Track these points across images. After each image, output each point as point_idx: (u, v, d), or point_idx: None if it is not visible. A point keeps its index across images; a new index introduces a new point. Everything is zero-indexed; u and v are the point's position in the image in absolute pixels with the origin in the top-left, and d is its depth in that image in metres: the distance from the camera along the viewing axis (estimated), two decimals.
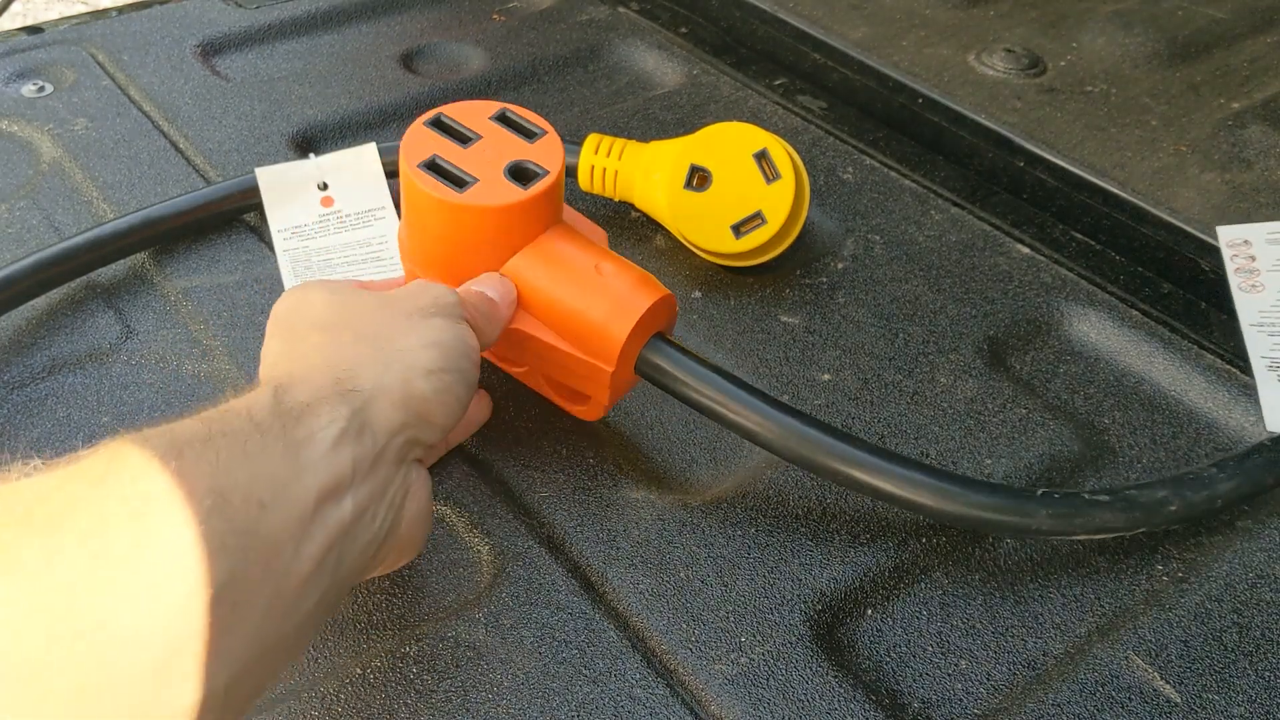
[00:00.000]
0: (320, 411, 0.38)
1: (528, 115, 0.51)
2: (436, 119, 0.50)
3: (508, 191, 0.47)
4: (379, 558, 0.40)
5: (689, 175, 0.61)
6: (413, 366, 0.41)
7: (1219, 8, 0.88)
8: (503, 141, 0.49)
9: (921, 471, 0.47)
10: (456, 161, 0.48)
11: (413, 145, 0.49)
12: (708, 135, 0.62)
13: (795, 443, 0.47)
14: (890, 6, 0.89)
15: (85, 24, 0.86)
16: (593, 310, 0.48)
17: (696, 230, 0.62)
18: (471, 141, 0.49)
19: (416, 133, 0.49)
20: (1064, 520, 0.47)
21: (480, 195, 0.47)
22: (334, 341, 0.42)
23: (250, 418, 0.36)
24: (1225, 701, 0.44)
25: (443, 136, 0.49)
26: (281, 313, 0.45)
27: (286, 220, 0.65)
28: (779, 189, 0.61)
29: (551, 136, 0.50)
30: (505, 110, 0.51)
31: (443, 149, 0.49)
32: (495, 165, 0.48)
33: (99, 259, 0.62)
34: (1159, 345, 0.60)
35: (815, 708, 0.43)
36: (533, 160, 0.49)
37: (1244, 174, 0.71)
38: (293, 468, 0.36)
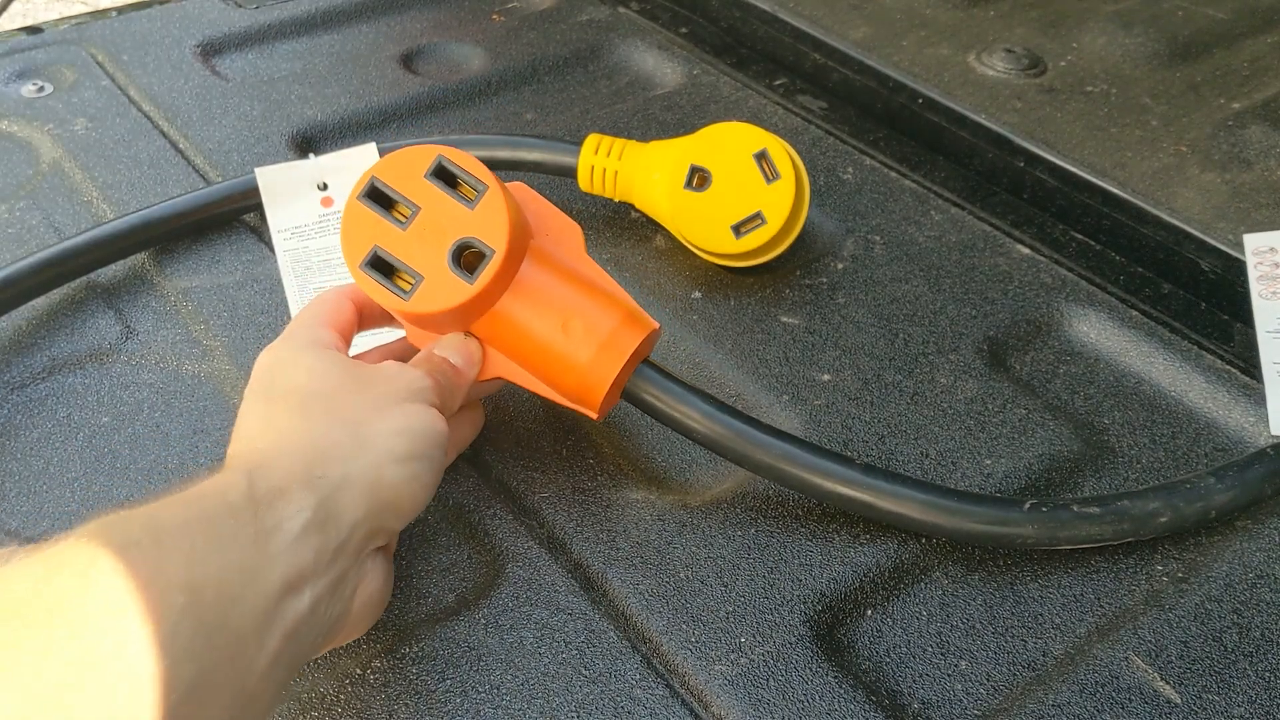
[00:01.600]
0: (290, 499, 0.38)
1: (465, 163, 0.46)
2: (371, 188, 0.46)
3: (453, 287, 0.45)
4: (321, 646, 0.41)
5: (689, 175, 0.61)
6: (384, 454, 0.41)
7: (1219, 8, 0.88)
8: (442, 212, 0.46)
9: (908, 486, 0.48)
10: (397, 252, 0.46)
11: (352, 234, 0.46)
12: (708, 135, 0.62)
13: (777, 461, 0.48)
14: (890, 6, 0.89)
15: (85, 24, 0.86)
16: (564, 381, 0.47)
17: (696, 230, 0.62)
18: (410, 219, 0.46)
19: (354, 214, 0.46)
20: (1049, 532, 0.48)
21: (426, 298, 0.45)
22: (308, 422, 0.42)
23: (225, 501, 0.36)
24: (1225, 702, 0.44)
25: (381, 215, 0.46)
26: (264, 371, 0.45)
27: (286, 220, 0.65)
28: (779, 189, 0.61)
29: (493, 193, 0.46)
30: (441, 161, 0.46)
31: (382, 234, 0.46)
32: (439, 248, 0.45)
33: (99, 259, 0.62)
34: (1159, 345, 0.60)
35: (815, 708, 0.43)
36: (477, 235, 0.45)
37: (1244, 174, 0.71)
38: (261, 557, 0.36)
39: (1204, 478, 0.50)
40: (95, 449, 0.53)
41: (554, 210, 0.50)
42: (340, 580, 0.39)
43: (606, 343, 0.47)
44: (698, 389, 0.49)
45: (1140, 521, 0.48)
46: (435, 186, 0.46)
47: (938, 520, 0.47)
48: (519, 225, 0.47)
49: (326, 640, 0.41)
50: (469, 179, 0.46)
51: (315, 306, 0.48)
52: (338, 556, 0.39)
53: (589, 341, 0.47)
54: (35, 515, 0.50)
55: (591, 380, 0.47)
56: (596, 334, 0.47)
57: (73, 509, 0.50)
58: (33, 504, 0.51)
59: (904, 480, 0.48)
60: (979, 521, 0.47)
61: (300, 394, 0.43)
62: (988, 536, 0.48)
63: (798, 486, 0.48)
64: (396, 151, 0.47)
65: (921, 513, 0.47)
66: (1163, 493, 0.49)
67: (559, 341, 0.47)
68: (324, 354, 0.45)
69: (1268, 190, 0.70)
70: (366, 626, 0.43)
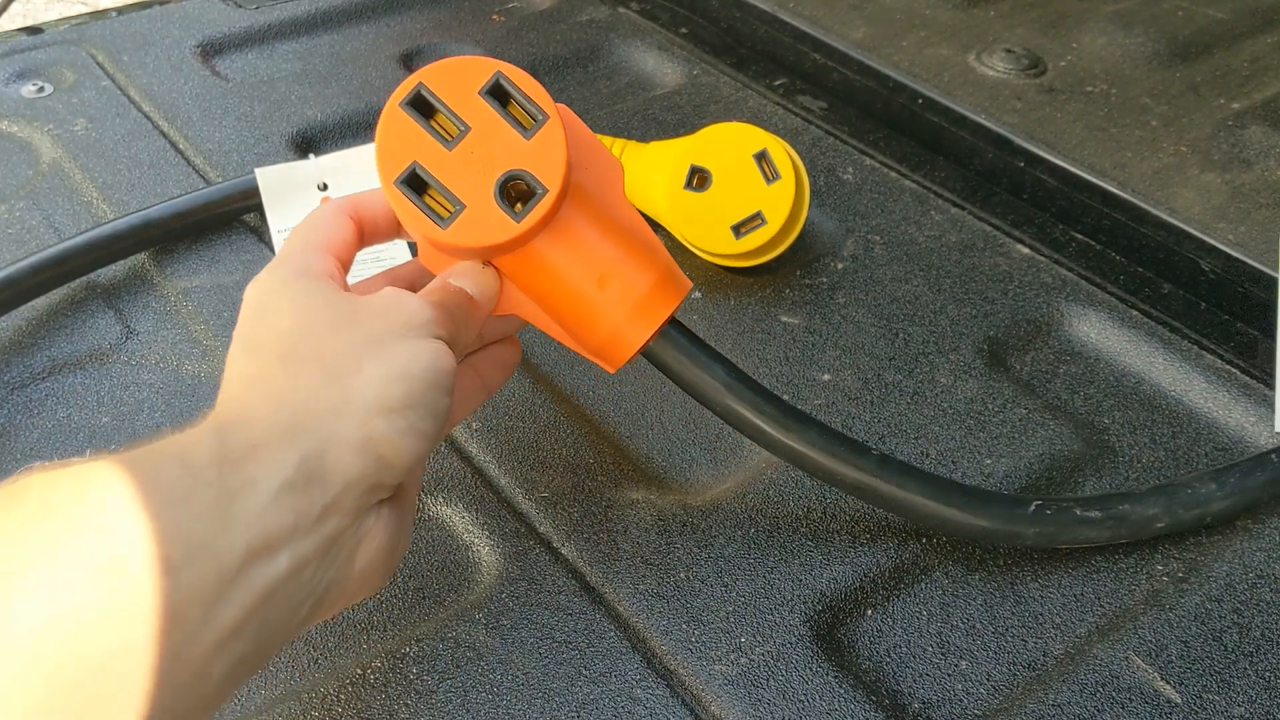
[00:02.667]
0: (265, 456, 0.35)
1: (526, 85, 0.42)
2: (416, 96, 0.42)
3: (497, 221, 0.41)
4: (316, 613, 0.37)
5: (689, 175, 0.61)
6: (374, 405, 0.37)
7: (1219, 8, 0.88)
8: (494, 136, 0.41)
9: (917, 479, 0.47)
10: (439, 173, 0.41)
11: (390, 144, 0.42)
12: (708, 135, 0.62)
13: (791, 441, 0.46)
14: (890, 6, 0.89)
15: (85, 24, 0.86)
16: (590, 335, 0.44)
17: (696, 231, 0.62)
18: (457, 139, 0.41)
19: (394, 122, 0.42)
20: (1050, 536, 0.48)
21: (466, 229, 0.41)
22: (290, 371, 0.38)
23: (183, 461, 0.33)
24: (1225, 702, 0.44)
25: (424, 128, 0.41)
26: (249, 310, 0.41)
27: (286, 221, 0.65)
28: (779, 189, 0.61)
29: (553, 124, 0.41)
30: (499, 78, 0.42)
31: (423, 150, 0.41)
32: (485, 178, 0.41)
33: (99, 259, 0.62)
34: (1159, 345, 0.60)
35: (815, 708, 0.43)
36: (530, 170, 0.41)
37: (1244, 174, 0.71)
38: (219, 522, 0.33)
39: (1205, 482, 0.50)
40: (95, 449, 0.53)
41: (597, 143, 0.45)
42: (333, 541, 0.36)
43: (641, 304, 0.44)
44: (721, 357, 0.47)
45: (1138, 527, 0.49)
46: (489, 106, 0.41)
47: (944, 514, 0.47)
48: (570, 163, 0.43)
49: (325, 604, 0.37)
50: (527, 104, 0.42)
51: (308, 227, 0.43)
52: (327, 516, 0.36)
53: (624, 300, 0.43)
54: None
55: (621, 341, 0.44)
56: (632, 293, 0.44)
57: None
58: None
59: (915, 472, 0.47)
60: (985, 519, 0.47)
61: (283, 338, 0.39)
62: (992, 534, 0.48)
63: (810, 468, 0.47)
64: (449, 59, 0.42)
65: (928, 505, 0.47)
66: (1163, 498, 0.49)
67: (591, 295, 0.43)
68: (311, 286, 0.40)
69: (1268, 190, 0.70)
70: (377, 586, 0.40)
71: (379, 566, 0.39)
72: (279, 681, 0.44)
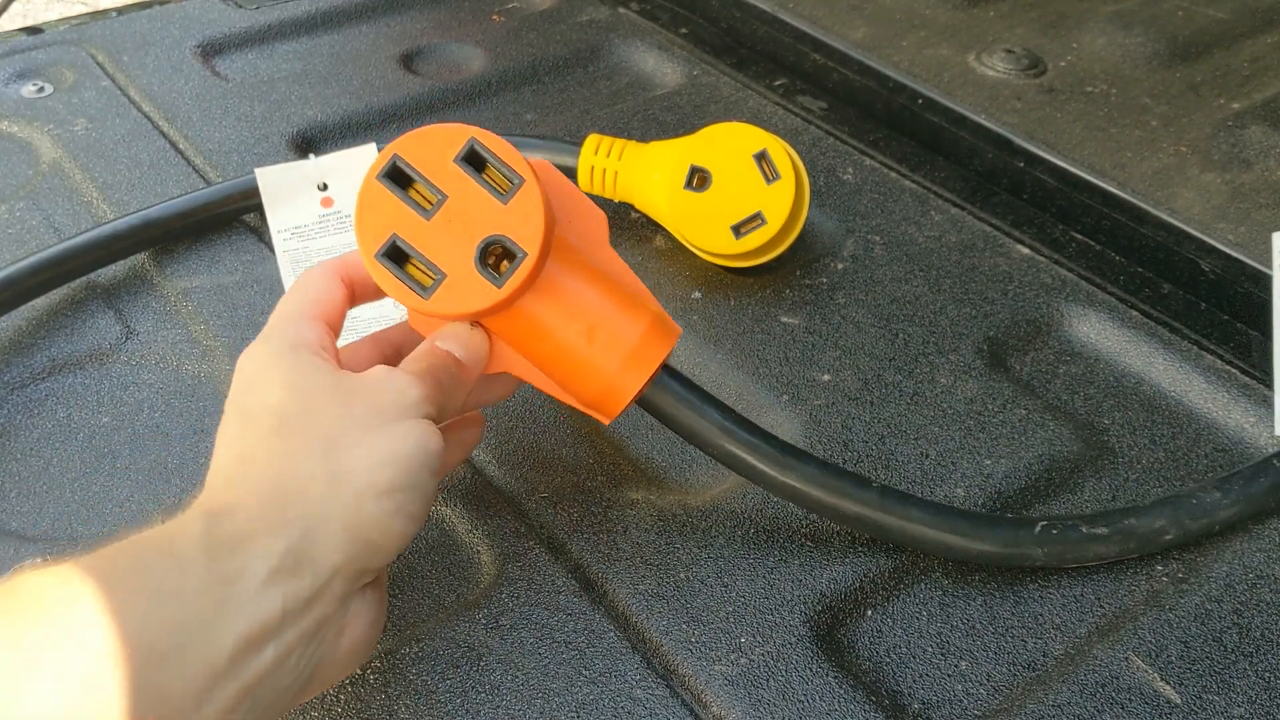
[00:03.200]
0: (254, 544, 0.35)
1: (500, 150, 0.42)
2: (392, 168, 0.42)
3: (479, 288, 0.41)
4: (303, 694, 0.38)
5: (689, 176, 0.61)
6: (364, 489, 0.38)
7: (1219, 8, 0.88)
8: (471, 203, 0.42)
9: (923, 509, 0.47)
10: (418, 243, 0.41)
11: (368, 217, 0.42)
12: (708, 135, 0.62)
13: (791, 481, 0.46)
14: (890, 6, 0.89)
15: (85, 24, 0.86)
16: (584, 388, 0.45)
17: (696, 231, 0.62)
18: (435, 208, 0.41)
19: (372, 195, 0.42)
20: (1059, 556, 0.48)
21: (448, 298, 0.41)
22: (280, 450, 0.38)
23: (172, 552, 0.34)
24: (1225, 702, 0.44)
25: (401, 199, 0.41)
26: (242, 382, 0.41)
27: (286, 221, 0.65)
28: (779, 189, 0.61)
29: (528, 187, 0.42)
30: (474, 144, 0.42)
31: (402, 221, 0.41)
32: (464, 245, 0.41)
33: (99, 259, 0.62)
34: (1159, 345, 0.60)
35: (815, 708, 0.43)
36: (508, 235, 0.41)
37: (1244, 174, 0.71)
38: (211, 611, 0.33)
39: (1209, 491, 0.50)
40: (95, 449, 0.53)
41: (578, 195, 0.46)
42: (318, 628, 0.37)
43: (633, 353, 0.44)
44: (716, 400, 0.47)
45: (1146, 540, 0.49)
46: (465, 173, 0.42)
47: (950, 542, 0.47)
48: (551, 223, 0.43)
49: (306, 689, 0.38)
50: (502, 168, 0.42)
51: (299, 293, 0.44)
52: (314, 603, 0.36)
53: (615, 351, 0.44)
54: (35, 515, 0.50)
55: (615, 392, 0.44)
56: (623, 344, 0.44)
57: (73, 509, 0.50)
58: (33, 504, 0.51)
59: (919, 503, 0.47)
60: (991, 543, 0.47)
61: (274, 415, 0.39)
62: (1000, 558, 0.48)
63: (812, 507, 0.47)
64: (422, 129, 0.42)
65: (933, 534, 0.47)
66: (1169, 509, 0.49)
67: (582, 349, 0.44)
68: (303, 361, 0.41)
69: (1268, 190, 0.70)
70: (355, 667, 0.41)
71: (362, 646, 0.40)
72: None
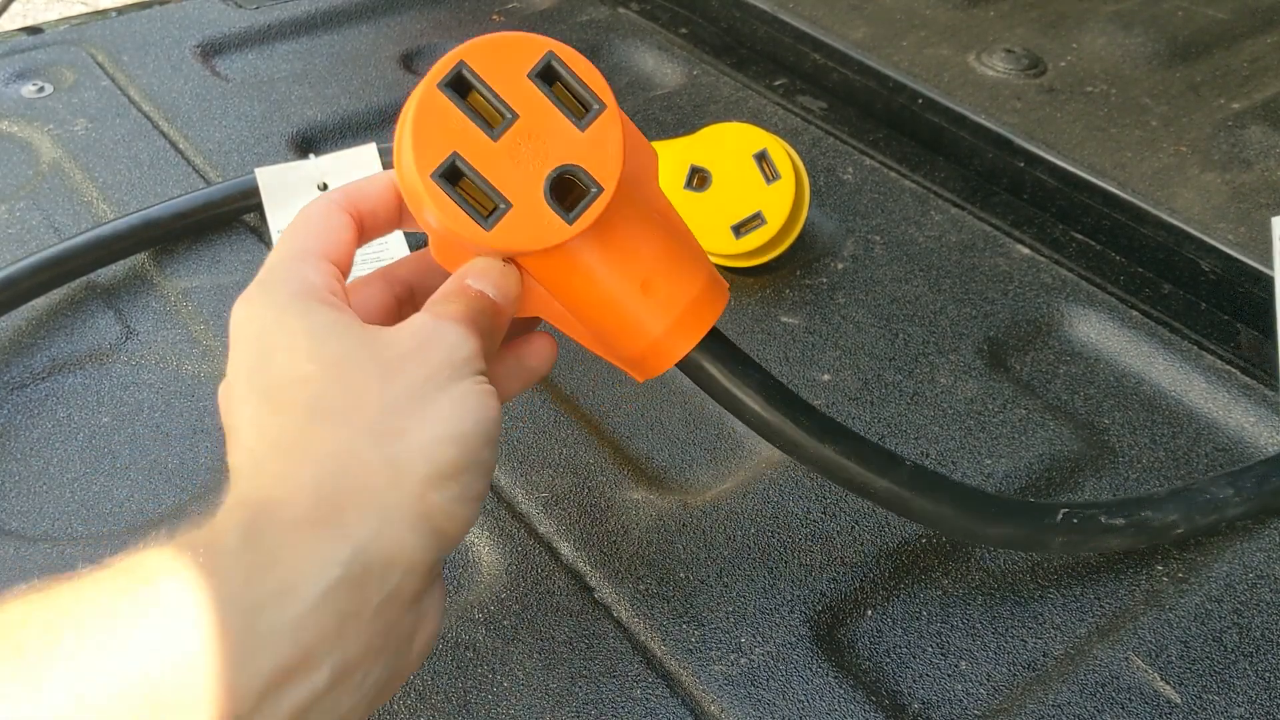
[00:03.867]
0: (307, 553, 0.30)
1: (581, 69, 0.37)
2: (456, 77, 0.36)
3: (547, 223, 0.36)
4: (367, 713, 0.33)
5: (689, 175, 0.61)
6: (430, 473, 0.32)
7: (1219, 8, 0.88)
8: (545, 125, 0.37)
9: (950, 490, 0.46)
10: (483, 166, 0.36)
11: (426, 131, 0.36)
12: (708, 135, 0.62)
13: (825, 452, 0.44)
14: (890, 6, 0.89)
15: (85, 24, 0.86)
16: (627, 345, 0.40)
17: (696, 231, 0.62)
18: (504, 126, 0.36)
19: (431, 106, 0.36)
20: (1076, 544, 0.48)
21: (512, 231, 0.36)
22: (328, 437, 0.33)
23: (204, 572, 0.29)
24: (1225, 702, 0.44)
25: (465, 113, 0.36)
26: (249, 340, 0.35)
27: (286, 220, 0.65)
28: (779, 189, 0.61)
29: (609, 115, 0.37)
30: (551, 59, 0.37)
31: (465, 139, 0.36)
32: (535, 172, 0.36)
33: (99, 259, 0.62)
34: (1159, 345, 0.60)
35: (815, 708, 0.43)
36: (584, 165, 0.36)
37: (1244, 174, 0.71)
38: (239, 647, 0.28)
39: (1221, 486, 0.50)
40: (95, 449, 0.53)
41: (634, 128, 0.40)
42: (386, 636, 0.32)
43: (686, 313, 0.40)
44: (757, 365, 0.44)
45: (1157, 532, 0.48)
46: (539, 90, 0.37)
47: (974, 525, 0.46)
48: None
49: (378, 701, 0.33)
50: (581, 89, 0.37)
51: (301, 229, 0.38)
52: (383, 609, 0.31)
53: (669, 309, 0.39)
54: (35, 515, 0.50)
55: (663, 352, 0.40)
56: (679, 301, 0.40)
57: (73, 509, 0.50)
58: (33, 504, 0.51)
59: (947, 483, 0.46)
60: (1013, 526, 0.46)
61: (308, 389, 0.33)
62: (1019, 541, 0.47)
63: (843, 479, 0.45)
64: (494, 35, 0.37)
65: (958, 516, 0.46)
66: (1181, 503, 0.49)
67: (634, 303, 0.39)
68: (323, 319, 0.35)
69: (1268, 190, 0.70)
70: (421, 664, 0.36)
71: (431, 639, 0.35)
72: None
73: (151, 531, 0.36)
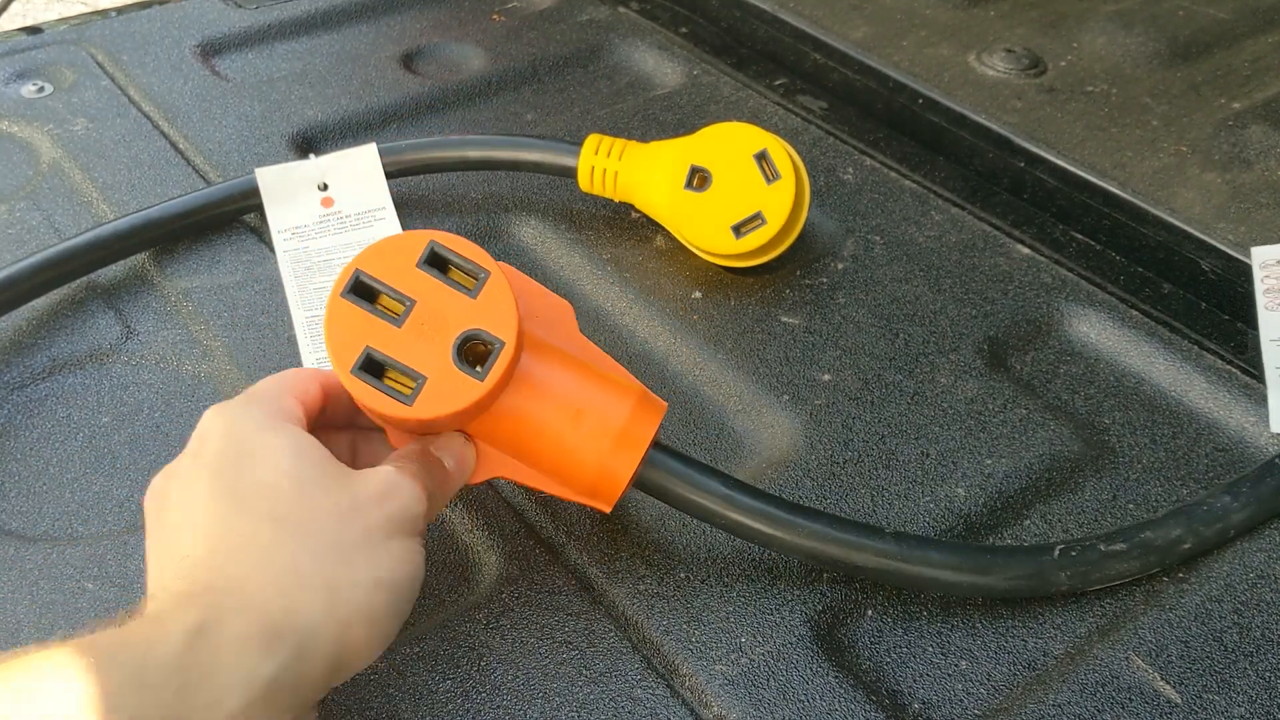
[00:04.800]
0: (244, 667, 0.33)
1: (461, 248, 0.42)
2: (356, 283, 0.41)
3: (462, 385, 0.41)
4: None
5: (689, 176, 0.61)
6: (360, 609, 0.36)
7: (1219, 8, 0.88)
8: (442, 303, 0.41)
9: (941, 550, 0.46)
10: (394, 351, 0.41)
11: (339, 335, 0.41)
12: (708, 135, 0.62)
13: (805, 540, 0.45)
14: (890, 6, 0.89)
15: (85, 24, 0.86)
16: (578, 478, 0.44)
17: (696, 231, 0.62)
18: (406, 313, 0.41)
19: (339, 312, 0.41)
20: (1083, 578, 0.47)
21: (432, 400, 0.41)
22: (281, 548, 0.36)
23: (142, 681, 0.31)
24: (1226, 702, 0.44)
25: (369, 311, 0.41)
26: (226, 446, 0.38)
27: (286, 220, 0.65)
28: (779, 189, 0.61)
29: (495, 278, 0.42)
30: (434, 247, 0.42)
31: (374, 333, 0.41)
32: (441, 344, 0.41)
33: (99, 259, 0.62)
34: (1159, 345, 0.60)
35: (815, 708, 0.43)
36: (483, 326, 0.41)
37: (1244, 174, 0.71)
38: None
39: (1219, 496, 0.50)
40: (95, 449, 0.53)
41: (541, 289, 0.46)
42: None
43: (622, 434, 0.44)
44: (715, 469, 0.46)
45: (1165, 551, 0.48)
46: (430, 275, 0.42)
47: (973, 581, 0.46)
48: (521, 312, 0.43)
49: None
50: (466, 264, 0.42)
51: (282, 376, 0.42)
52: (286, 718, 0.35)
53: (603, 435, 0.43)
54: (35, 515, 0.50)
55: (610, 475, 0.44)
56: (611, 426, 0.43)
57: (73, 509, 0.50)
58: (33, 504, 0.51)
59: (936, 545, 0.47)
60: (1014, 576, 0.46)
61: (273, 500, 0.37)
62: (1025, 590, 0.47)
63: (829, 565, 0.47)
64: (380, 241, 0.42)
65: (957, 575, 0.46)
66: (1182, 519, 0.49)
67: (570, 436, 0.43)
68: (298, 442, 0.39)
69: (1268, 190, 0.70)
70: None
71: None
72: None
73: None
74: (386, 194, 0.67)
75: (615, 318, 0.62)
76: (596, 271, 0.64)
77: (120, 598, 0.46)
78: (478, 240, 0.44)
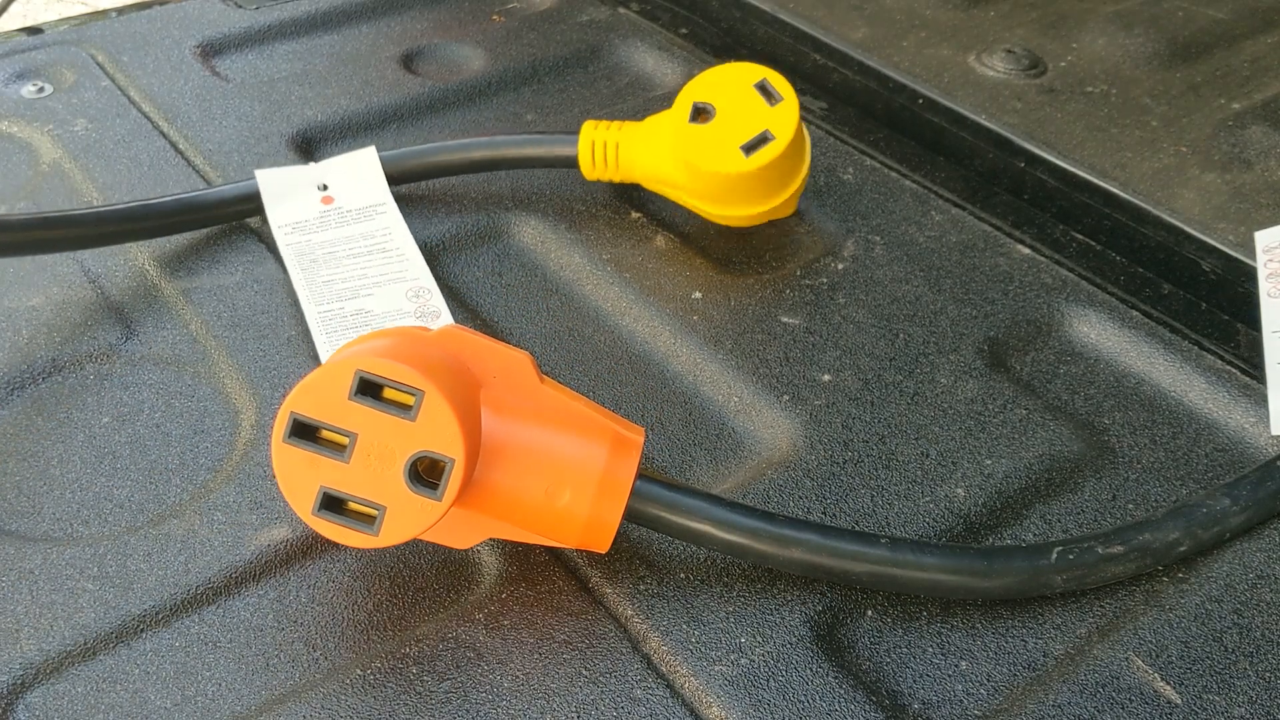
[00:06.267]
0: None
1: (389, 371, 0.41)
2: (294, 425, 0.41)
3: (421, 508, 0.41)
4: None
5: (692, 112, 0.62)
6: None
7: (1219, 8, 0.88)
8: (382, 430, 0.41)
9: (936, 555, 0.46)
10: (348, 486, 0.41)
11: (292, 480, 0.42)
12: (705, 78, 0.63)
13: (799, 554, 0.46)
14: (890, 7, 0.89)
15: (85, 25, 0.86)
16: (567, 532, 0.45)
17: (706, 156, 0.62)
18: (350, 446, 0.41)
19: (285, 458, 0.41)
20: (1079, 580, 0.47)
21: (396, 527, 0.41)
22: None
23: None
24: (1226, 702, 0.44)
25: (315, 451, 0.41)
26: None
27: (287, 216, 0.65)
28: (783, 109, 0.62)
29: (430, 395, 0.41)
30: (362, 376, 0.41)
31: (324, 471, 0.41)
32: (392, 472, 0.41)
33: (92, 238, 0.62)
34: (1159, 345, 0.60)
35: (815, 708, 0.43)
36: (428, 448, 0.41)
37: (1244, 174, 0.71)
38: None
39: (1218, 498, 0.50)
40: (95, 449, 0.53)
41: (494, 347, 0.45)
42: None
43: (602, 483, 0.44)
44: (703, 492, 0.47)
45: (1162, 553, 0.48)
46: (364, 405, 0.41)
47: (971, 584, 0.46)
48: (470, 411, 0.42)
49: None
50: (399, 385, 0.41)
51: None
52: None
53: (584, 489, 0.44)
54: (35, 515, 0.50)
55: (598, 524, 0.45)
56: (590, 479, 0.44)
57: (73, 509, 0.50)
58: (33, 504, 0.51)
59: (930, 549, 0.47)
60: (1011, 577, 0.46)
61: None
62: (1021, 591, 0.47)
63: (825, 576, 0.47)
64: (308, 378, 0.41)
65: (952, 579, 0.46)
66: (1181, 520, 0.49)
67: (547, 504, 0.44)
68: None
69: (1268, 190, 0.70)
70: None
71: None
72: (278, 681, 0.44)
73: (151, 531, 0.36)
74: (387, 191, 0.67)
75: (615, 318, 0.62)
76: (596, 272, 0.64)
77: (120, 598, 0.46)
78: (478, 240, 0.44)
